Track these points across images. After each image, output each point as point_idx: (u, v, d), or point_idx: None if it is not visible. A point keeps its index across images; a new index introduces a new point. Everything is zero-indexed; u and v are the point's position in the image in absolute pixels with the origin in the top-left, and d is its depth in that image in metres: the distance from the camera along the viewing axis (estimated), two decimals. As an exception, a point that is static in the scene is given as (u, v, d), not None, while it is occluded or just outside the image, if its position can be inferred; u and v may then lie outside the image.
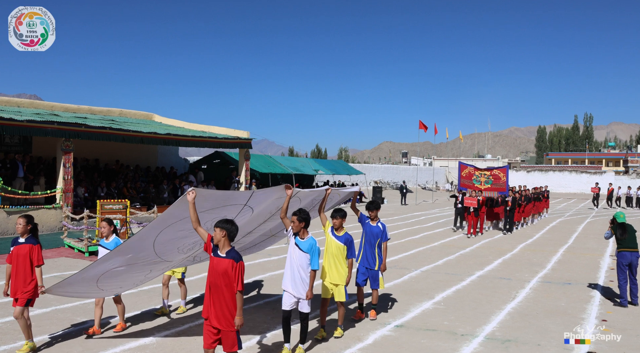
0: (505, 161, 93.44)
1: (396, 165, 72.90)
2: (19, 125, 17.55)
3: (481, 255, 15.48)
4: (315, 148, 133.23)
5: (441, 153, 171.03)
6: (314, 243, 6.72)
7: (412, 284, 11.36)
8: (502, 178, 22.00)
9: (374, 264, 8.53)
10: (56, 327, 7.93)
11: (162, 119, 29.23)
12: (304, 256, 6.65)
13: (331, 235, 7.55)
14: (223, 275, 5.43)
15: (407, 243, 17.78)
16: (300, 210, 6.77)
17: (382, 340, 7.58)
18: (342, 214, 7.57)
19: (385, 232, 8.67)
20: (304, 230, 6.73)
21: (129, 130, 21.06)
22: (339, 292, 7.48)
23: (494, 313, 9.08)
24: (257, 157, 31.90)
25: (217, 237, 5.51)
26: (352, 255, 7.56)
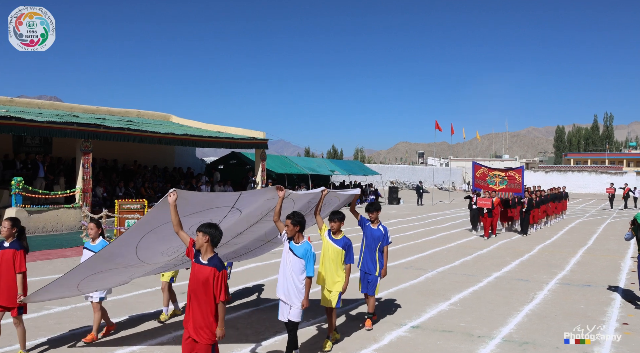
0: (523, 161, 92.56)
1: (412, 166, 72.62)
2: (40, 126, 17.83)
3: (498, 256, 15.37)
4: (331, 148, 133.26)
5: (458, 153, 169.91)
6: (309, 249, 6.32)
7: (428, 285, 11.32)
8: (517, 179, 21.52)
9: (374, 269, 8.12)
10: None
11: (179, 120, 29.47)
12: (298, 262, 6.28)
13: (328, 239, 7.20)
14: (204, 283, 5.08)
15: (423, 243, 17.71)
16: (294, 213, 6.43)
17: (397, 340, 7.56)
18: (340, 217, 7.21)
19: (387, 235, 8.22)
20: (298, 235, 6.36)
21: (146, 131, 21.27)
22: (332, 298, 7.14)
23: (511, 315, 9.01)
24: (273, 157, 32.00)
25: (200, 242, 5.17)
26: (350, 260, 7.16)
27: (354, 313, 9.02)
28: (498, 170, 22.18)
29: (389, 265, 13.13)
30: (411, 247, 16.88)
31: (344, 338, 7.57)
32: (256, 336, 7.58)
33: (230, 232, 6.93)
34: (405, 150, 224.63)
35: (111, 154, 24.36)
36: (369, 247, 8.18)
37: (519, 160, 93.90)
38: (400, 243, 17.49)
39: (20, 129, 17.62)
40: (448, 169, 66.78)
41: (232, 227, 6.86)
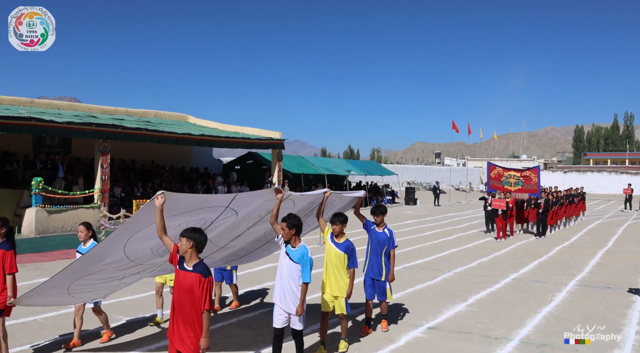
0: (541, 161, 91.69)
1: (429, 166, 72.30)
2: (59, 127, 18.05)
3: (516, 258, 15.23)
4: (347, 148, 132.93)
5: (475, 153, 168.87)
6: (306, 253, 6.07)
7: (445, 286, 11.26)
8: (533, 179, 21.08)
9: (381, 274, 7.82)
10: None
11: (196, 120, 29.65)
12: (294, 267, 6.04)
13: (330, 242, 6.93)
14: (189, 291, 4.81)
15: (440, 244, 17.62)
16: (290, 215, 6.16)
17: (414, 341, 7.54)
18: (343, 219, 6.93)
19: (393, 238, 7.91)
20: (295, 238, 6.10)
21: (164, 132, 21.43)
22: (339, 304, 6.90)
23: (530, 316, 8.93)
24: (290, 157, 32.06)
25: (183, 247, 4.88)
26: (353, 264, 6.94)
27: (360, 318, 8.84)
28: (513, 171, 21.82)
29: (396, 268, 13.11)
30: (428, 247, 16.81)
31: (360, 339, 7.56)
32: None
33: (227, 234, 6.79)
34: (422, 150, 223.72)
35: (129, 154, 24.58)
36: (374, 251, 7.89)
37: (537, 160, 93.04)
38: (417, 244, 17.43)
39: (40, 130, 17.87)
40: (465, 169, 66.35)
41: (229, 229, 6.71)
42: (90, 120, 19.49)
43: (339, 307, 6.91)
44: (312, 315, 7.83)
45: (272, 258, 13.53)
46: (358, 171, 35.62)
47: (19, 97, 22.57)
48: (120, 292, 9.66)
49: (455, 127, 38.23)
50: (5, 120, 16.70)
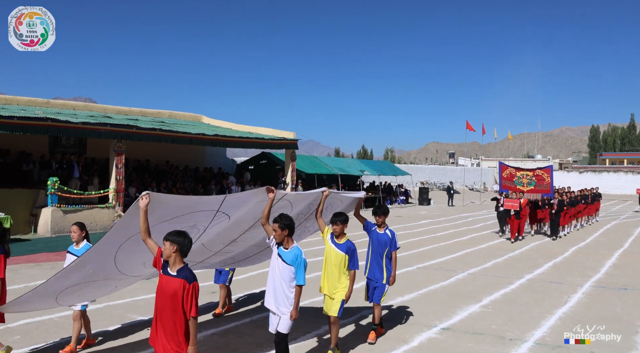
0: (556, 162, 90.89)
1: (443, 166, 72.03)
2: (75, 127, 18.23)
3: (531, 258, 15.11)
4: (361, 148, 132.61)
5: (489, 153, 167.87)
6: (300, 254, 5.83)
7: (459, 286, 11.20)
8: (546, 179, 20.71)
9: (381, 277, 7.55)
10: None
11: (210, 120, 29.79)
12: (287, 269, 5.81)
13: (331, 243, 6.70)
14: (172, 297, 4.61)
15: (454, 245, 17.54)
16: (281, 215, 5.89)
17: (427, 342, 7.50)
18: (343, 219, 6.69)
19: (395, 239, 7.63)
20: (288, 239, 5.88)
21: (178, 132, 21.56)
22: (333, 306, 6.64)
23: (544, 318, 8.85)
24: (303, 157, 32.09)
25: (167, 252, 4.70)
26: (354, 266, 6.71)
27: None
28: (526, 171, 21.48)
29: (410, 269, 13.08)
30: (441, 248, 16.73)
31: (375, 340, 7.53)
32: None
33: (222, 238, 6.62)
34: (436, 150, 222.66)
35: (144, 154, 24.75)
36: (375, 253, 7.63)
37: (552, 160, 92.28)
38: (430, 244, 17.35)
39: (56, 130, 18.06)
40: (479, 170, 65.96)
41: (224, 233, 6.52)
42: (105, 121, 19.65)
43: (332, 308, 6.64)
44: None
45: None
46: (371, 171, 35.56)
47: (35, 98, 22.84)
48: (135, 292, 9.73)
49: (469, 126, 38.02)
50: (21, 120, 16.91)
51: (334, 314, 6.62)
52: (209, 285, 10.19)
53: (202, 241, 6.37)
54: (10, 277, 10.57)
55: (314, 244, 15.08)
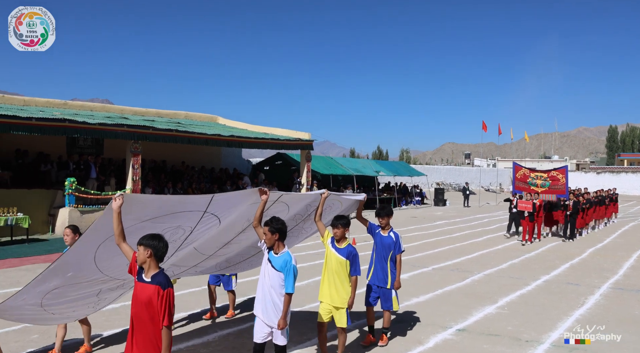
0: (573, 162, 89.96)
1: (459, 167, 71.66)
2: (92, 128, 18.41)
3: (547, 259, 14.97)
4: (376, 149, 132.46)
5: (505, 154, 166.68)
6: (289, 260, 5.50)
7: (475, 287, 11.13)
8: (560, 180, 20.26)
9: (386, 282, 7.26)
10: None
11: (226, 121, 29.92)
12: (277, 275, 5.50)
13: (331, 247, 6.38)
14: (147, 305, 4.35)
15: (469, 245, 17.43)
16: (272, 218, 5.58)
17: (443, 343, 7.46)
18: (345, 222, 6.36)
19: (399, 242, 7.32)
20: (278, 243, 5.56)
21: (194, 132, 21.68)
22: (339, 316, 6.35)
23: (561, 319, 8.77)
24: (319, 158, 32.10)
25: (141, 257, 4.44)
26: (356, 271, 6.34)
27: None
28: (540, 171, 21.12)
29: (425, 270, 13.03)
30: (457, 249, 16.64)
31: (389, 339, 7.51)
32: (300, 336, 7.59)
33: (214, 242, 6.41)
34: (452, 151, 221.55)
35: (160, 155, 24.92)
36: (379, 256, 7.33)
37: (569, 161, 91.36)
38: (446, 245, 17.27)
39: (73, 131, 18.25)
40: (495, 170, 65.49)
41: (216, 237, 6.28)
42: (121, 122, 19.82)
43: (340, 319, 6.36)
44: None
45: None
46: (387, 172, 35.46)
47: (53, 99, 23.12)
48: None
49: (485, 127, 37.78)
50: (40, 121, 17.11)
51: (342, 325, 6.37)
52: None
53: (195, 245, 6.15)
54: (26, 276, 10.76)
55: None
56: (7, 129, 16.63)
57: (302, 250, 14.74)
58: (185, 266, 6.68)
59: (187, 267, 6.77)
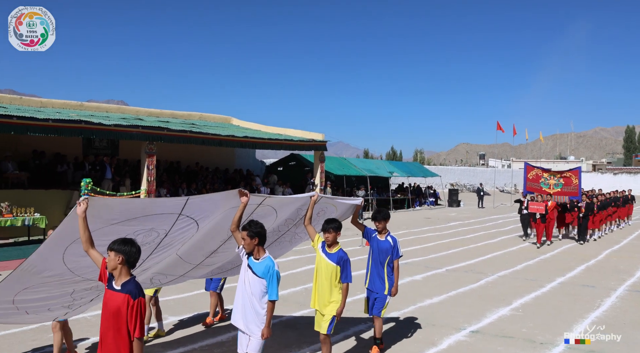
0: (589, 163, 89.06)
1: (473, 167, 71.29)
2: (107, 129, 18.59)
3: (563, 261, 14.85)
4: (390, 150, 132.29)
5: (520, 155, 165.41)
6: (272, 266, 5.20)
7: (489, 289, 11.07)
8: (574, 181, 19.57)
9: (382, 288, 6.96)
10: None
11: (240, 122, 30.04)
12: (258, 282, 5.17)
13: (321, 252, 6.14)
14: (116, 315, 4.09)
15: (483, 247, 17.34)
16: (251, 222, 5.27)
17: (456, 345, 7.44)
18: (336, 226, 6.11)
19: (397, 247, 7.04)
20: (258, 249, 5.26)
21: (208, 134, 21.79)
22: (323, 323, 6.09)
23: (577, 321, 8.69)
24: (332, 159, 32.11)
25: (112, 263, 4.18)
26: (347, 278, 6.09)
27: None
28: (553, 172, 20.54)
29: (439, 271, 12.97)
30: (471, 250, 16.55)
31: (402, 340, 7.50)
32: (315, 337, 7.59)
33: (199, 250, 6.18)
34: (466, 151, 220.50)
35: (174, 156, 25.07)
36: (375, 262, 7.06)
37: (586, 161, 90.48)
38: (460, 247, 17.19)
39: (89, 132, 18.43)
40: (510, 171, 65.01)
41: (201, 245, 6.05)
42: (137, 123, 19.98)
43: (323, 325, 6.09)
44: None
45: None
46: (401, 172, 35.37)
47: (69, 101, 23.37)
48: (166, 291, 9.87)
49: (500, 127, 37.57)
50: (56, 123, 17.31)
51: (323, 331, 6.08)
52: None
53: (179, 253, 5.94)
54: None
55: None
56: (24, 130, 16.84)
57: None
58: (173, 275, 6.50)
59: (175, 276, 6.58)
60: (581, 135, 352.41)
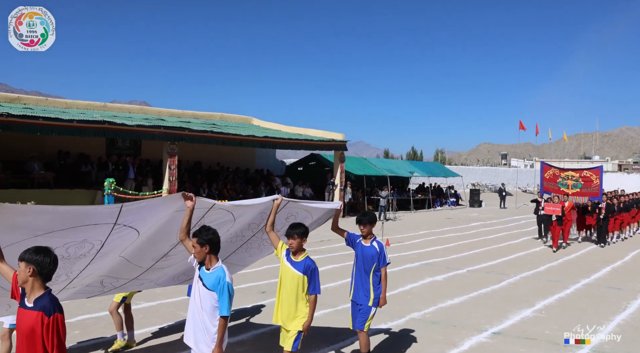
0: (615, 163, 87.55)
1: (495, 167, 70.58)
2: (130, 129, 18.82)
3: (587, 262, 14.62)
4: (410, 150, 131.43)
5: (543, 154, 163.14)
6: (223, 277, 4.60)
7: (511, 290, 10.94)
8: (594, 181, 18.58)
9: (366, 298, 6.29)
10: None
11: (260, 123, 30.16)
12: (208, 295, 4.61)
13: (286, 261, 5.53)
14: (29, 337, 3.53)
15: (506, 247, 17.15)
16: (202, 229, 4.72)
17: (478, 346, 7.36)
18: (301, 231, 5.47)
19: (384, 253, 6.36)
20: (210, 257, 4.69)
21: (228, 134, 21.93)
22: (288, 338, 5.51)
23: (602, 324, 8.53)
24: (352, 159, 32.05)
25: (22, 276, 3.61)
26: (315, 289, 5.48)
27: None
28: (571, 171, 19.65)
29: (460, 272, 12.85)
30: (493, 250, 16.39)
31: (422, 341, 7.45)
32: (336, 336, 7.62)
33: (150, 254, 5.73)
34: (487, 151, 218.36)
35: (196, 156, 25.27)
36: (360, 270, 6.39)
37: (611, 161, 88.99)
38: (481, 247, 17.03)
39: (113, 133, 18.70)
40: (533, 171, 64.17)
41: (149, 248, 5.57)
42: (159, 123, 20.19)
43: (286, 341, 5.54)
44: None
45: (331, 259, 13.53)
46: (421, 172, 35.17)
47: (93, 102, 23.72)
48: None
49: (523, 126, 37.15)
50: (80, 123, 17.59)
51: (288, 348, 5.51)
52: None
53: (123, 255, 5.46)
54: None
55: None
56: (50, 131, 17.17)
57: (334, 251, 14.71)
58: (126, 278, 6.00)
59: (128, 280, 6.07)
60: (606, 135, 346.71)
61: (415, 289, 10.77)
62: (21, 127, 16.66)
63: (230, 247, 6.30)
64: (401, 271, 12.59)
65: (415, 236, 19.60)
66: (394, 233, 19.86)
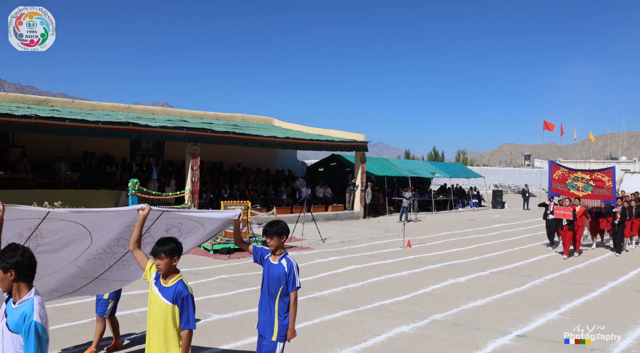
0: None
1: (518, 168, 69.73)
2: (153, 131, 19.02)
3: (614, 265, 14.37)
4: (432, 150, 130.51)
5: (568, 155, 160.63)
6: (30, 314, 3.39)
7: (535, 293, 10.80)
8: (606, 183, 17.26)
9: (270, 330, 5.04)
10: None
11: (281, 124, 30.26)
12: (10, 340, 3.39)
13: (154, 286, 4.42)
14: None
15: (529, 249, 16.94)
16: (7, 248, 3.54)
17: (501, 349, 7.28)
18: (170, 249, 4.34)
19: (293, 274, 5.03)
20: (20, 286, 3.48)
21: (250, 135, 22.03)
22: None
23: (630, 328, 8.39)
24: (373, 159, 31.95)
25: None
26: (188, 324, 4.34)
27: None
28: (582, 172, 18.23)
29: (482, 274, 12.72)
30: (517, 252, 16.20)
31: (445, 343, 7.39)
32: (356, 338, 7.59)
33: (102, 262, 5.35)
34: (510, 152, 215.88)
35: (217, 157, 25.46)
36: (265, 294, 5.12)
37: (638, 162, 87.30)
38: (505, 249, 16.85)
39: (136, 134, 18.93)
40: (557, 172, 63.29)
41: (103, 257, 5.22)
42: (181, 125, 20.38)
43: None
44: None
45: (354, 263, 13.46)
46: (443, 173, 34.93)
47: (117, 104, 24.05)
48: (209, 290, 10.00)
49: (547, 126, 36.63)
50: (105, 125, 17.85)
51: None
52: None
53: (79, 264, 5.12)
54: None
55: (384, 247, 14.90)
56: (76, 132, 17.46)
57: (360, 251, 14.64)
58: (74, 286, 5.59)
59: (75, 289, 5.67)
60: (634, 135, 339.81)
61: (437, 291, 10.69)
62: (49, 128, 16.98)
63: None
64: (423, 272, 12.52)
65: (437, 237, 19.46)
66: (416, 234, 19.75)
